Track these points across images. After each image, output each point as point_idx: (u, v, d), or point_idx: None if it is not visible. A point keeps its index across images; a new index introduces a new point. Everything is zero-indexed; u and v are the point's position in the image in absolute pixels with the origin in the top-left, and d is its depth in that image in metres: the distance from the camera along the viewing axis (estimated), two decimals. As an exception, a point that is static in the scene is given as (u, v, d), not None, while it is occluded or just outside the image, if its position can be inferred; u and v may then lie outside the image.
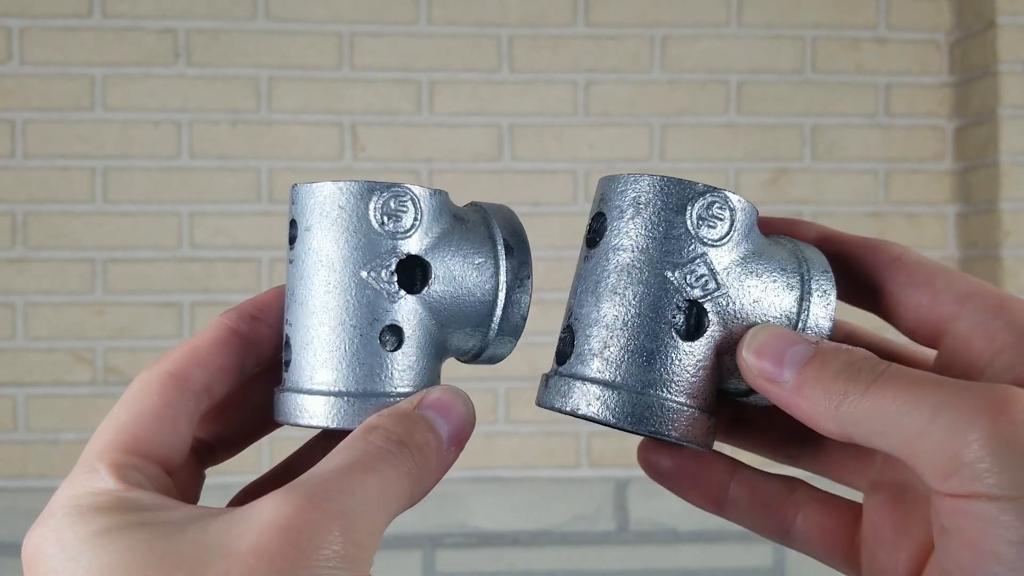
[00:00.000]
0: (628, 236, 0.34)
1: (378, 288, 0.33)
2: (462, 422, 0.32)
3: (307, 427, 0.34)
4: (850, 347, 0.31)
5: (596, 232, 0.35)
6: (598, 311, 0.34)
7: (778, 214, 1.81)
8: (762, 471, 0.37)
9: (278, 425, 0.35)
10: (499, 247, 0.35)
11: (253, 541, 0.26)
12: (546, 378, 0.35)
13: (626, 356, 0.33)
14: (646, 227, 0.34)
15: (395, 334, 0.34)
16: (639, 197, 0.34)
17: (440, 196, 0.35)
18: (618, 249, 0.34)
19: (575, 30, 1.58)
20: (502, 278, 0.35)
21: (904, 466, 0.34)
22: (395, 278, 0.33)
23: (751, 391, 0.35)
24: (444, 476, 0.32)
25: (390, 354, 0.33)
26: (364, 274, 0.33)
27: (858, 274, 0.36)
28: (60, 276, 1.52)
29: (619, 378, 0.33)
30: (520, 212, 1.47)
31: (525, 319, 0.36)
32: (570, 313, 0.35)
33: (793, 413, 0.31)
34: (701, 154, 1.58)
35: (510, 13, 1.57)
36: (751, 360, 0.32)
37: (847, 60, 1.60)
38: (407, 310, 0.33)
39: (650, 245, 0.33)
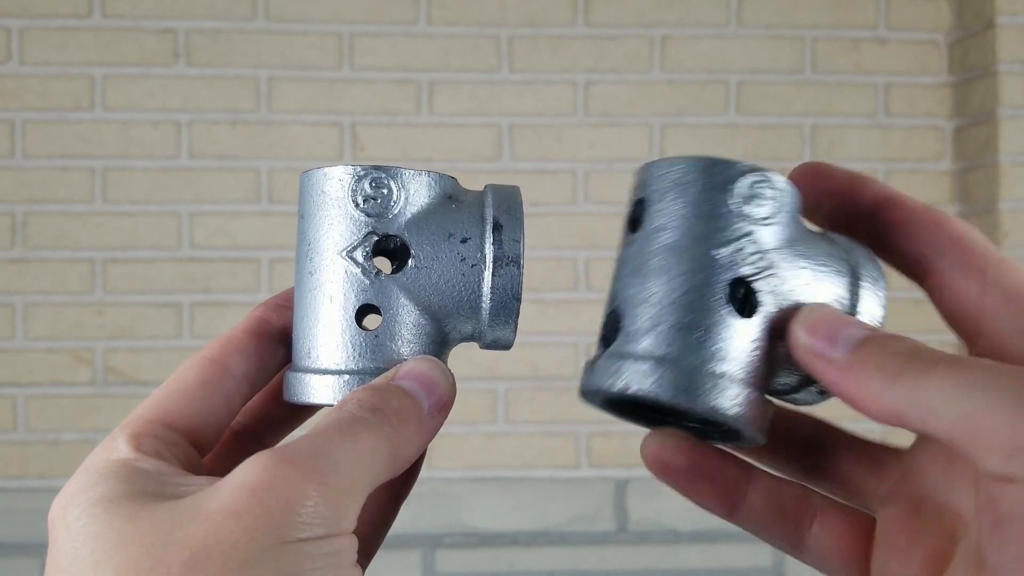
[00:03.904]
0: (672, 216, 0.33)
1: (355, 269, 0.33)
2: (439, 388, 0.32)
3: (298, 404, 0.34)
4: (905, 336, 0.30)
5: (637, 217, 0.34)
6: (646, 290, 0.33)
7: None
8: (779, 476, 0.36)
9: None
10: (487, 225, 0.34)
11: (223, 502, 0.26)
12: (590, 364, 0.34)
13: (678, 333, 0.32)
14: (690, 207, 0.33)
15: (373, 314, 0.34)
16: (681, 178, 0.33)
17: (427, 177, 0.34)
18: (662, 230, 0.33)
19: (575, 30, 1.58)
20: (488, 255, 0.34)
21: (922, 478, 0.33)
22: (371, 258, 0.33)
23: (798, 387, 0.34)
24: (431, 443, 0.32)
25: (368, 333, 0.33)
26: (342, 255, 0.33)
27: (914, 244, 0.34)
28: (60, 276, 1.52)
29: (673, 354, 0.31)
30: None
31: (517, 298, 0.34)
32: (614, 298, 0.34)
33: (841, 392, 0.30)
34: (701, 154, 1.58)
35: (510, 13, 1.57)
36: (802, 335, 0.31)
37: (847, 60, 1.60)
38: (386, 290, 0.33)
39: (695, 224, 0.32)
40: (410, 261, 0.33)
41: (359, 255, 0.33)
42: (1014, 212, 1.50)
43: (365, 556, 0.35)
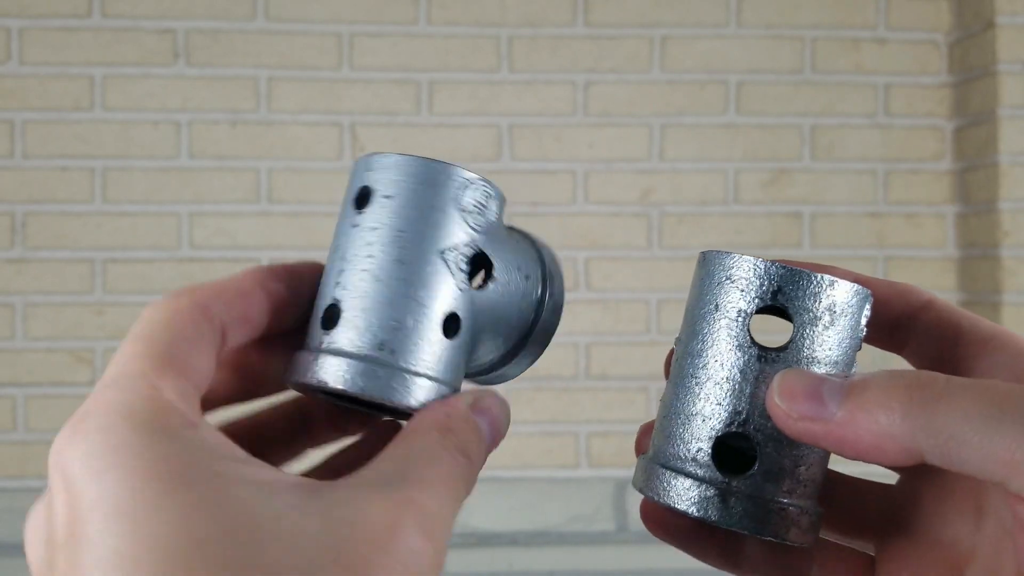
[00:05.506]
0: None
1: (451, 275, 0.33)
2: (501, 431, 0.32)
3: (340, 392, 0.32)
4: (889, 371, 0.28)
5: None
6: None
7: (777, 214, 1.79)
8: None
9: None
10: (545, 269, 0.35)
11: (334, 541, 0.24)
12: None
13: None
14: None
15: (454, 323, 0.33)
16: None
17: (503, 201, 0.35)
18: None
19: (575, 30, 1.58)
20: (546, 298, 0.35)
21: (914, 512, 0.32)
22: (467, 269, 0.33)
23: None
24: None
25: (445, 341, 0.32)
26: (442, 257, 0.32)
27: (889, 316, 0.34)
28: (59, 276, 1.52)
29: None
30: (520, 212, 1.47)
31: (548, 344, 0.36)
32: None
33: (849, 448, 0.28)
34: (700, 154, 1.58)
35: (509, 13, 1.57)
36: (784, 405, 0.29)
37: (846, 60, 1.60)
38: (467, 303, 0.33)
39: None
40: (490, 284, 0.34)
41: (462, 262, 0.33)
42: (1013, 212, 1.50)
43: None
